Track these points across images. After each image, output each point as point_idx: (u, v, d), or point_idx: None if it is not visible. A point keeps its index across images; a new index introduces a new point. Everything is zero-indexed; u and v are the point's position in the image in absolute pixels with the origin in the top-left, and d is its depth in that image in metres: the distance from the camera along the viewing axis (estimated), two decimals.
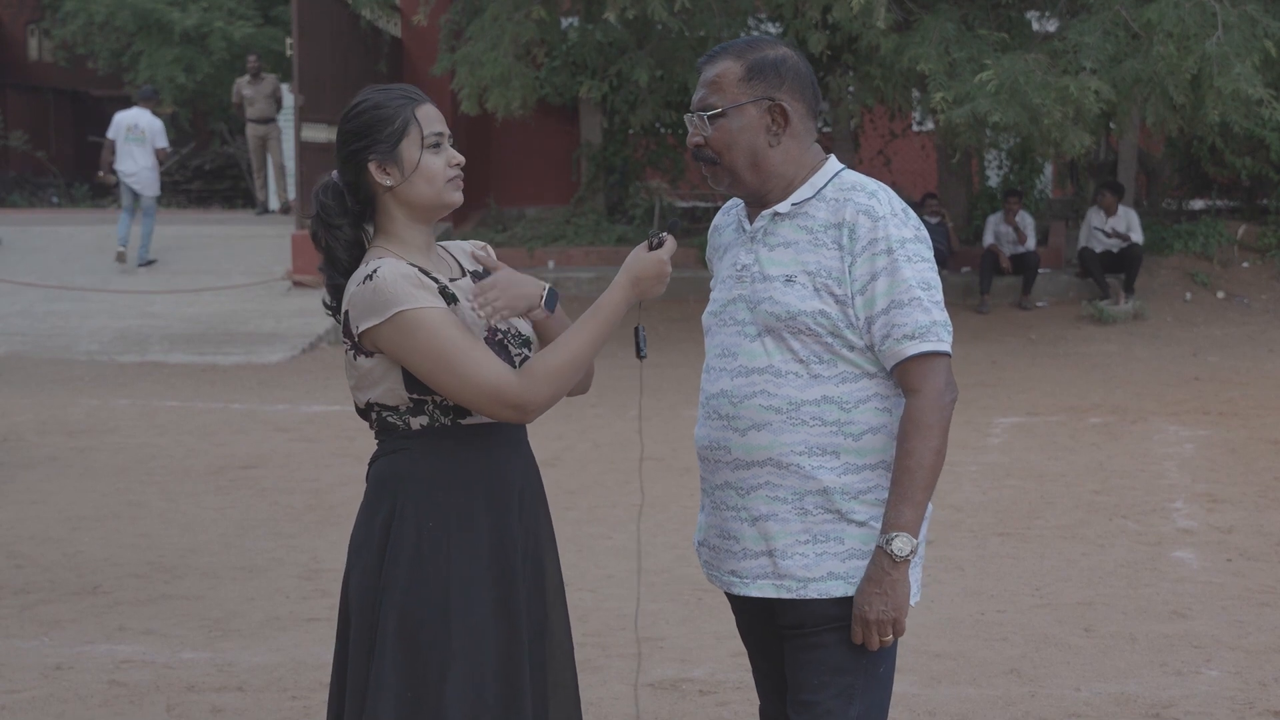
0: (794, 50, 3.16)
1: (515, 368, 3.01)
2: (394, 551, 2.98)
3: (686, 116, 3.15)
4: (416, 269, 3.00)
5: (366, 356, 2.99)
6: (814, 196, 3.10)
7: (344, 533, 7.31)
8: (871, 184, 3.10)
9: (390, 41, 18.25)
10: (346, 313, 2.99)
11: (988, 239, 15.59)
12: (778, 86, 3.09)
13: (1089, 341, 14.00)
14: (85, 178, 26.79)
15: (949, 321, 3.06)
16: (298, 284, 15.15)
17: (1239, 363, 12.88)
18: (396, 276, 2.94)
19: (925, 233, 3.10)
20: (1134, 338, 14.15)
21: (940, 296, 3.05)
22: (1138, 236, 15.14)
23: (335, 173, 3.11)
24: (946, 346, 3.03)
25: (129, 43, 24.27)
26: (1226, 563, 6.74)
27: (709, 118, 3.08)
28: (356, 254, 3.09)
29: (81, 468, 8.98)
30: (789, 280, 3.05)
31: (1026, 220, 15.63)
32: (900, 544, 2.97)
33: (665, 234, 3.10)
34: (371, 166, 3.03)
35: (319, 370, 12.90)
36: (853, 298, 3.02)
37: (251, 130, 18.95)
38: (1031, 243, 15.56)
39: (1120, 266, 15.07)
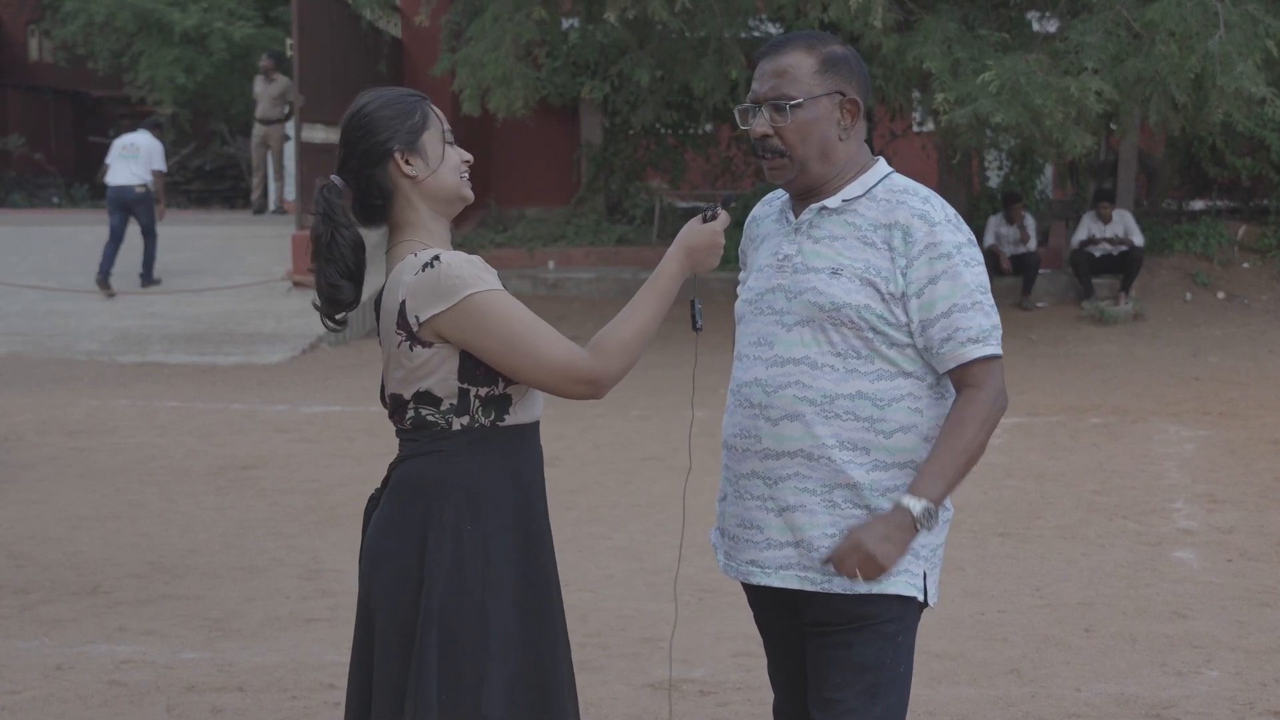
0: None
1: None
2: (433, 557, 2.96)
3: (748, 108, 3.12)
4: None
5: (424, 347, 2.95)
6: (864, 195, 3.10)
7: (344, 533, 7.33)
8: (923, 189, 3.12)
9: (390, 42, 18.25)
10: (403, 303, 2.95)
11: (988, 240, 15.60)
12: (849, 81, 3.11)
13: (1089, 342, 14.00)
14: (85, 178, 26.79)
15: (1000, 324, 3.09)
16: (298, 284, 15.14)
17: (1239, 363, 12.88)
18: (462, 261, 2.93)
19: (974, 238, 3.12)
20: (1134, 338, 14.15)
21: (993, 301, 3.09)
22: (1138, 239, 15.19)
23: (335, 176, 3.07)
24: (1000, 350, 3.06)
25: (129, 43, 24.25)
26: (1226, 563, 6.73)
27: (790, 108, 3.06)
28: (360, 255, 3.07)
29: (81, 468, 8.98)
30: (834, 272, 3.05)
31: (1029, 221, 15.66)
32: (921, 510, 2.96)
33: (719, 208, 3.12)
34: (396, 157, 3.01)
35: (319, 370, 12.91)
36: (906, 299, 3.02)
37: (255, 129, 19.05)
38: (1033, 243, 15.58)
39: (1120, 269, 15.09)
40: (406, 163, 3.02)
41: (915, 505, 2.97)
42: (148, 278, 15.57)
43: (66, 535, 7.39)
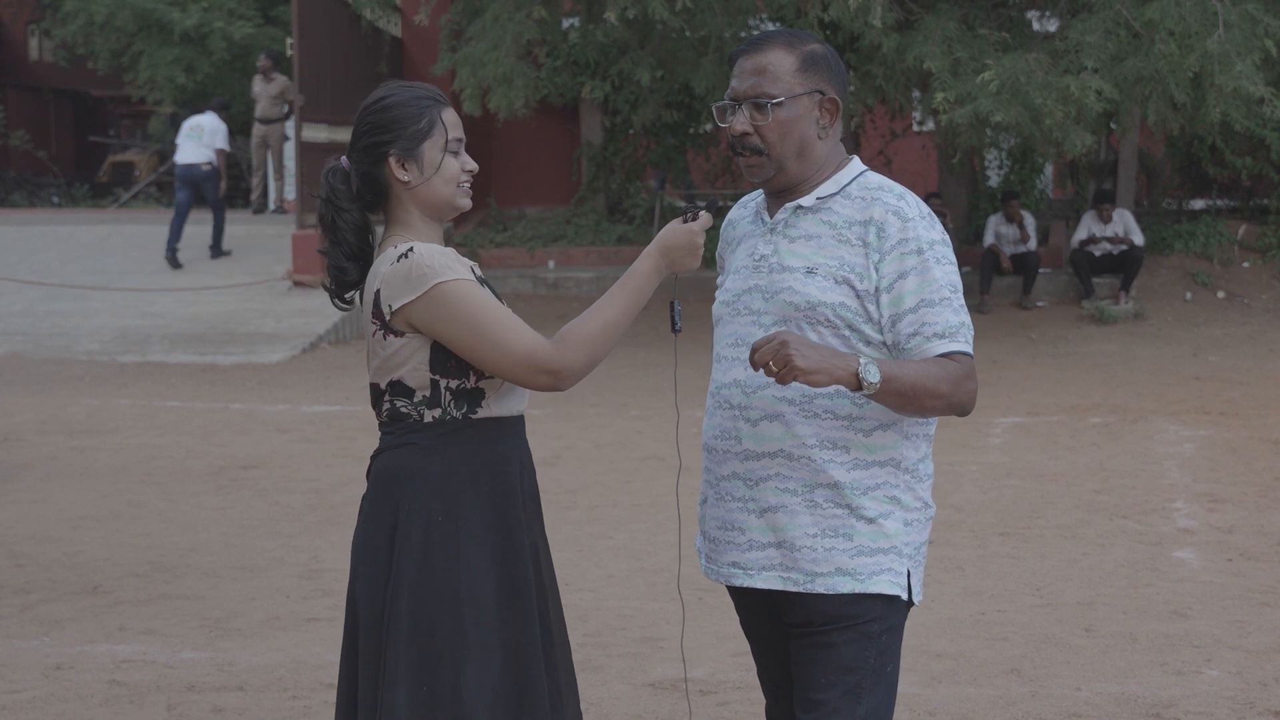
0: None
1: None
2: (403, 547, 2.98)
3: (727, 106, 3.11)
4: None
5: (396, 336, 3.01)
6: (838, 193, 3.10)
7: (345, 532, 7.30)
8: (898, 186, 3.12)
9: (391, 41, 18.25)
10: (377, 293, 3.00)
11: (988, 239, 15.61)
12: (829, 80, 3.11)
13: (1089, 341, 14.00)
14: (86, 178, 26.78)
15: (972, 325, 3.07)
16: (298, 284, 15.15)
17: (1239, 362, 12.88)
18: (433, 252, 2.98)
19: (948, 238, 3.12)
20: (1134, 337, 14.15)
21: (963, 300, 3.07)
22: (1138, 239, 15.19)
23: (344, 159, 3.13)
24: (971, 349, 3.04)
25: (129, 43, 24.27)
26: (1227, 563, 6.73)
27: (771, 106, 3.06)
28: (364, 238, 3.13)
29: (81, 468, 8.98)
30: (810, 271, 3.05)
31: (1029, 220, 15.66)
32: (875, 376, 2.89)
33: (702, 209, 3.12)
34: (391, 161, 3.05)
35: (319, 370, 12.90)
36: (878, 294, 3.02)
37: (255, 129, 19.07)
38: (1033, 242, 15.59)
39: (1120, 268, 15.10)
40: (402, 167, 3.06)
41: (871, 368, 2.89)
42: (217, 249, 16.44)
43: (66, 535, 7.39)
